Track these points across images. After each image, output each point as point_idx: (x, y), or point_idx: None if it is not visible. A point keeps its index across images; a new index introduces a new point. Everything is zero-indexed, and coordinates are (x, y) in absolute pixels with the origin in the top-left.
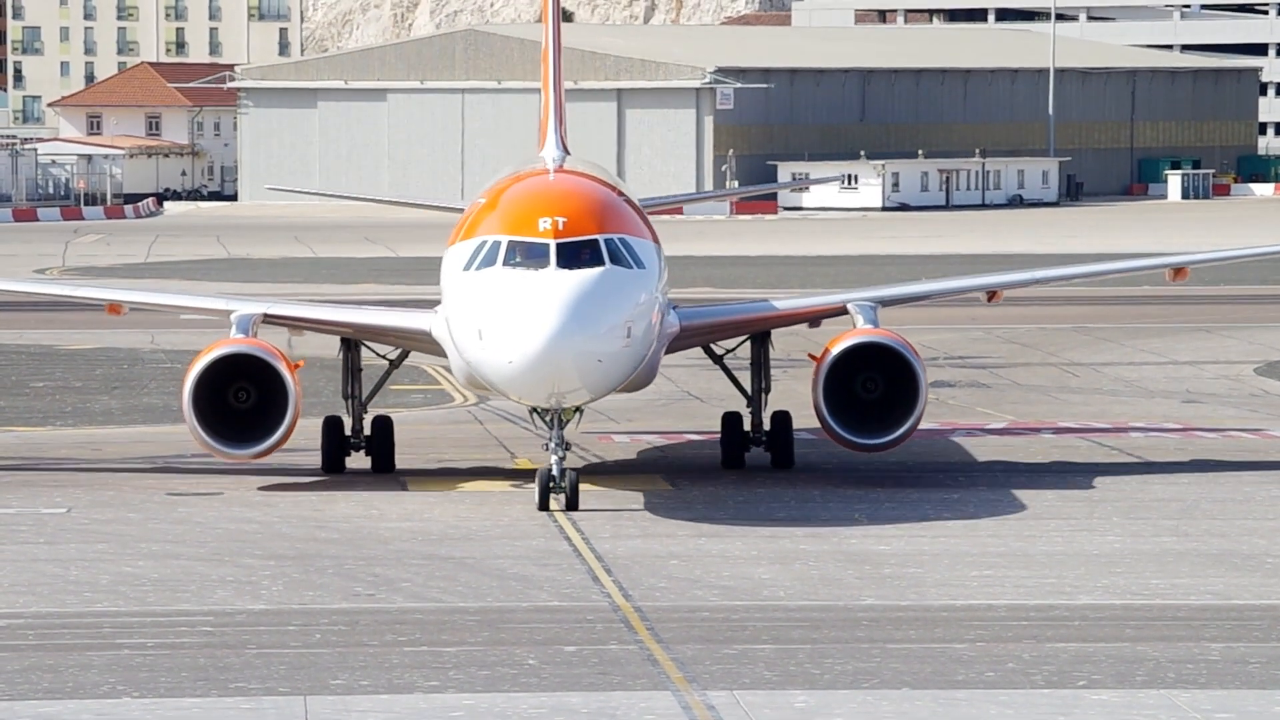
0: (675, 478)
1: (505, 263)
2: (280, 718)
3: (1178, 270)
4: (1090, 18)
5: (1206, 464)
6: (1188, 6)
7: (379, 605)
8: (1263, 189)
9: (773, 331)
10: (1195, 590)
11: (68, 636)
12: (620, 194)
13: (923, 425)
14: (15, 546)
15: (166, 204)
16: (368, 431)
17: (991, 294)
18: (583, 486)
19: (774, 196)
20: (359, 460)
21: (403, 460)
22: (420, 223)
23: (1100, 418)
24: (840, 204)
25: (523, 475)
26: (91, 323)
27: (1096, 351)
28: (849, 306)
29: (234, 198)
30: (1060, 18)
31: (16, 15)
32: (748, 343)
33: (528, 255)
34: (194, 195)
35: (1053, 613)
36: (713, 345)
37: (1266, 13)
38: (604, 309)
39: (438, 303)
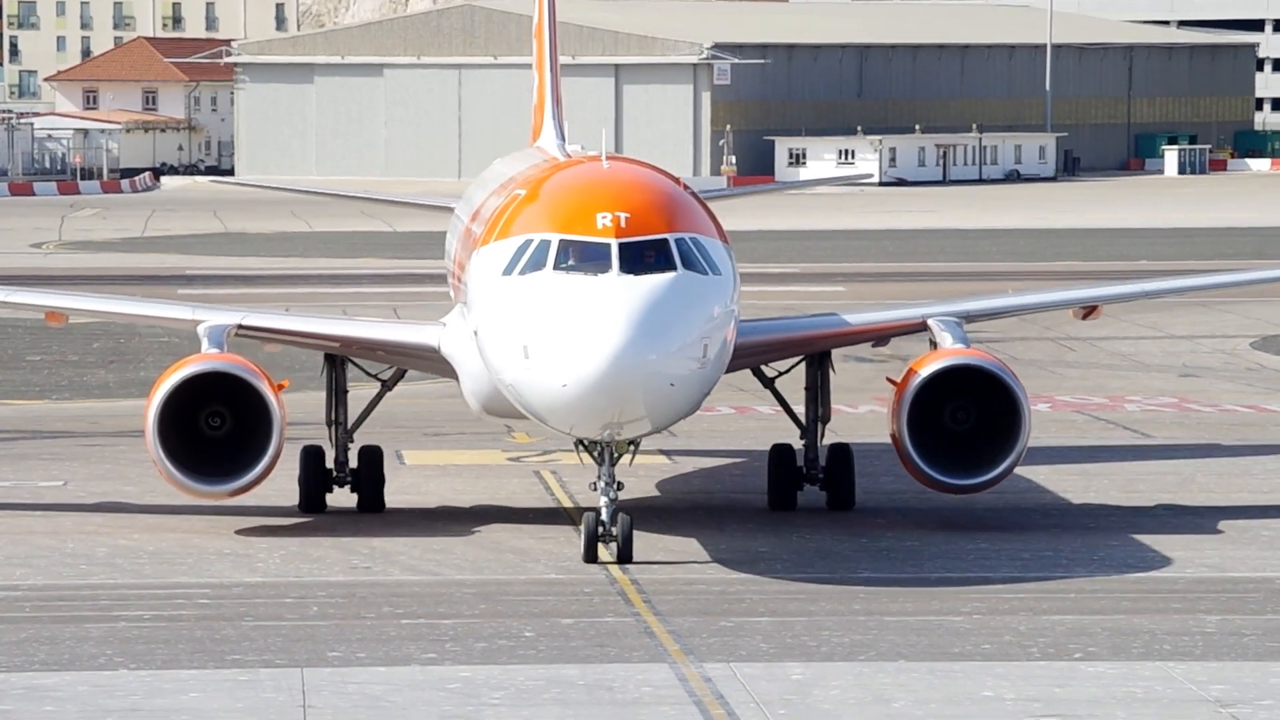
0: (672, 451)
1: (557, 266)
2: (277, 689)
3: None
4: None
5: (1202, 437)
6: None
7: (376, 578)
8: (1259, 164)
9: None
10: (1191, 563)
11: (65, 609)
12: (685, 187)
13: None
14: (12, 519)
15: (163, 179)
16: (353, 464)
17: (1088, 310)
18: (577, 462)
19: (773, 172)
20: (343, 497)
21: (401, 433)
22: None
23: (1097, 392)
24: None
25: (519, 448)
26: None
27: (1093, 326)
28: (930, 322)
29: (231, 172)
30: None
31: None
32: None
33: (584, 257)
34: (191, 170)
35: (1049, 585)
36: (763, 366)
37: None
38: (677, 322)
39: (444, 312)
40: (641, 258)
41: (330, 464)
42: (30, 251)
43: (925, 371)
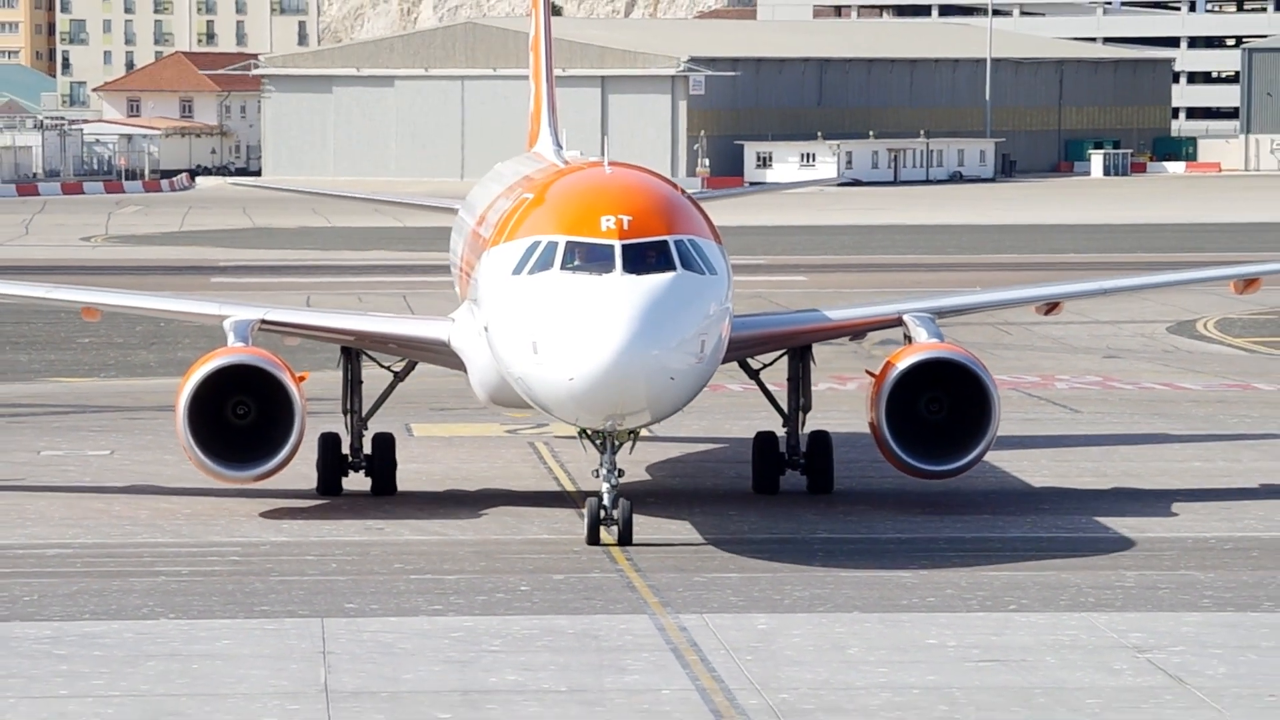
0: (664, 438)
1: (563, 266)
2: (300, 637)
3: (1249, 281)
4: (1023, 13)
5: (1124, 412)
6: (1109, 3)
7: (388, 538)
8: (1175, 167)
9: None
10: (1113, 525)
11: (111, 565)
12: (681, 191)
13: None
14: (65, 484)
15: (198, 179)
16: (367, 450)
17: (1051, 306)
18: (566, 435)
19: (742, 174)
20: (357, 481)
21: (410, 408)
22: (426, 194)
23: (1031, 371)
24: (800, 179)
25: (515, 422)
26: (130, 285)
27: (1027, 312)
28: (905, 318)
29: (259, 173)
30: (996, 13)
31: (64, 9)
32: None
33: (589, 258)
34: (222, 171)
35: (987, 545)
36: (749, 358)
37: (1179, 9)
38: (677, 319)
39: (448, 298)
40: (643, 258)
41: (346, 450)
42: (79, 244)
43: (902, 364)
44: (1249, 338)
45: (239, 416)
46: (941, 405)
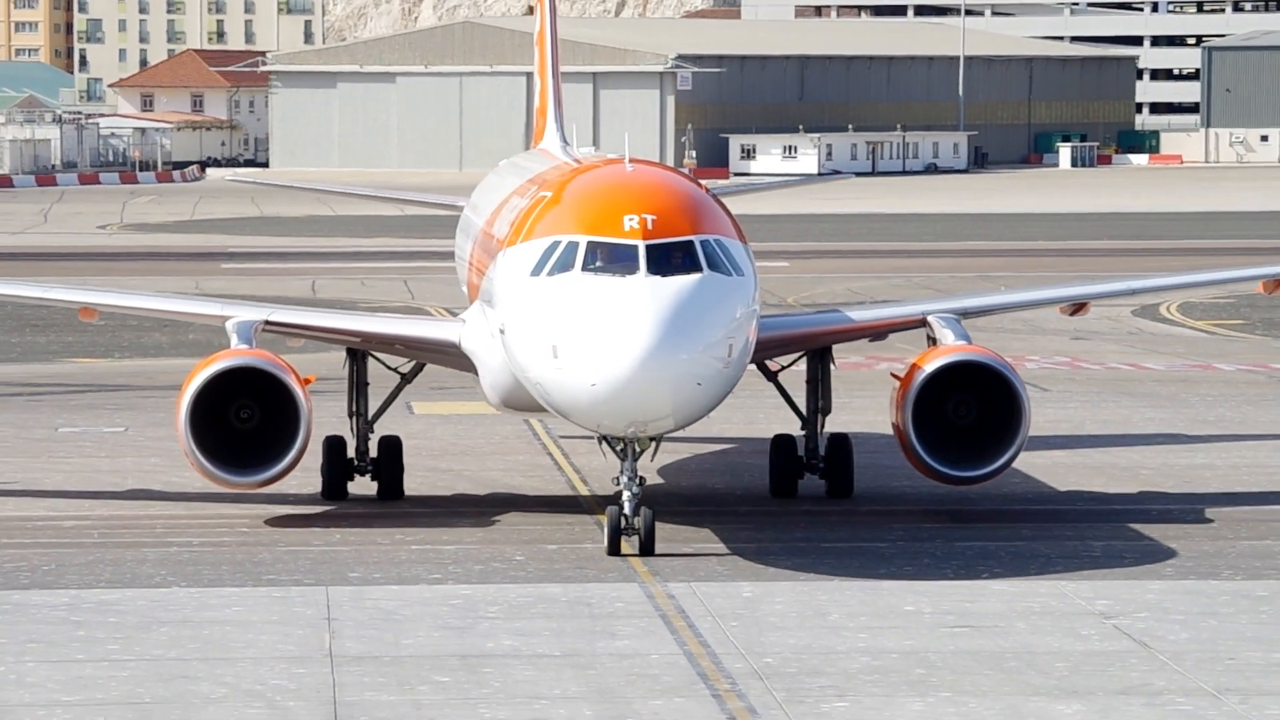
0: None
1: (585, 267)
2: (306, 605)
3: (1278, 283)
4: (994, 13)
5: (1091, 390)
6: (1076, 4)
7: (389, 509)
8: (1138, 159)
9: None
10: (1080, 496)
11: (126, 535)
12: (705, 189)
13: (852, 359)
14: (81, 459)
15: (209, 170)
16: (373, 453)
17: (1077, 307)
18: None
19: (727, 165)
20: (363, 485)
21: (411, 388)
22: (426, 186)
23: (1002, 353)
24: (782, 170)
25: None
26: (145, 270)
27: (998, 296)
28: (930, 319)
29: (266, 165)
30: (969, 13)
31: (81, 9)
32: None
33: (611, 259)
34: (231, 163)
35: (962, 516)
36: (767, 360)
37: (1143, 10)
38: (703, 322)
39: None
40: (668, 259)
41: (351, 454)
42: (96, 232)
43: (930, 367)
44: (1209, 320)
45: (242, 420)
46: (969, 409)
